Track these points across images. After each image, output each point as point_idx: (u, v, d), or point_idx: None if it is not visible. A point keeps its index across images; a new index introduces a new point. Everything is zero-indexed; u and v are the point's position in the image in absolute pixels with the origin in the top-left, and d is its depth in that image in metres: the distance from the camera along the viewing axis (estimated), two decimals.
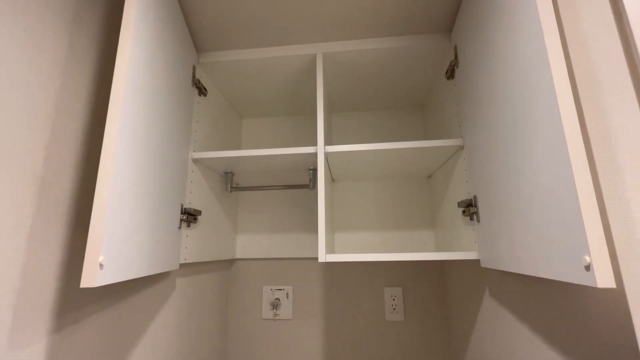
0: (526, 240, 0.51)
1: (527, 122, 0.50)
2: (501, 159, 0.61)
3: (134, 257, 0.56)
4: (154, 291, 0.77)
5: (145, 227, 0.62)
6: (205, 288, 1.03)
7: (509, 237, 0.58)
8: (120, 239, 0.51)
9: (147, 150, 0.64)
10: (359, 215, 1.22)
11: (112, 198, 0.49)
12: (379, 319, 1.14)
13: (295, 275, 1.21)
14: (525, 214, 0.52)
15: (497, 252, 0.63)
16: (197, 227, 0.93)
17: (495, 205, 0.64)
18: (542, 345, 0.57)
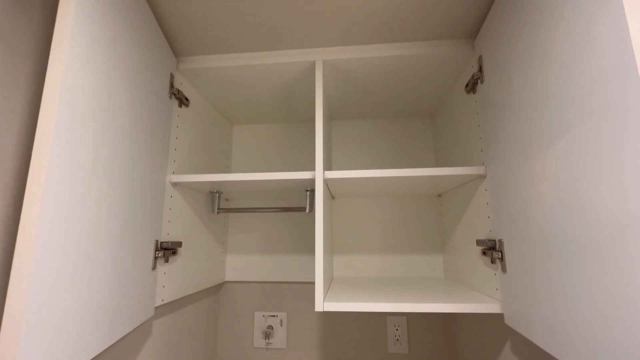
0: (585, 321, 0.40)
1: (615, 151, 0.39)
2: (535, 201, 0.49)
3: (85, 335, 0.44)
4: (123, 344, 0.67)
5: (103, 286, 0.51)
6: (189, 322, 0.93)
7: (552, 308, 0.47)
8: (58, 324, 0.40)
9: (100, 185, 0.52)
10: (360, 235, 1.11)
11: (41, 280, 0.37)
12: (381, 351, 1.04)
13: (290, 300, 1.11)
14: (590, 282, 0.40)
15: (530, 318, 0.52)
16: (178, 260, 0.81)
17: (530, 260, 0.53)
18: None
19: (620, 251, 0.35)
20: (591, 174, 0.39)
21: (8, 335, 0.33)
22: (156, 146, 0.71)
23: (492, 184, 0.68)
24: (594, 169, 0.38)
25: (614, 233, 0.35)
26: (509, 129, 0.59)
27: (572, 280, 0.42)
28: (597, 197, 0.38)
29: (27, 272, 0.36)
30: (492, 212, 0.68)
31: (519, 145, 0.56)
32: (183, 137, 0.86)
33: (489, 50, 0.67)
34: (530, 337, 0.52)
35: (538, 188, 0.50)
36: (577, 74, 0.41)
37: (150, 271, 0.69)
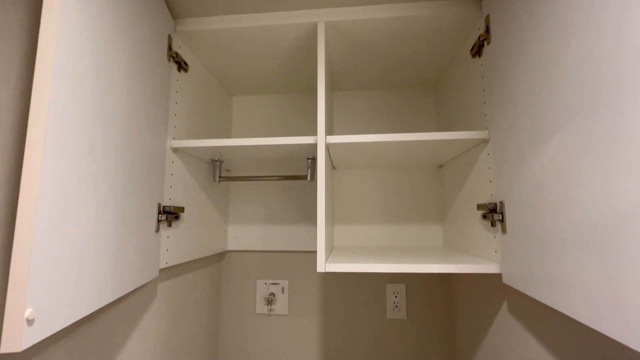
0: (581, 272, 0.41)
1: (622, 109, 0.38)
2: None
3: (91, 288, 0.45)
4: (129, 304, 0.68)
5: (108, 246, 0.51)
6: (193, 287, 0.95)
7: (549, 261, 0.48)
8: (64, 270, 0.40)
9: (100, 145, 0.51)
10: (361, 205, 1.12)
11: (46, 221, 0.37)
12: (380, 317, 1.07)
13: (292, 269, 1.13)
14: (582, 236, 0.41)
15: (529, 274, 0.54)
16: (180, 225, 0.82)
17: (530, 218, 0.53)
18: None
19: (614, 209, 0.35)
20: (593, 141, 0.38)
21: (17, 282, 0.34)
22: (155, 109, 0.70)
23: (495, 147, 0.67)
24: (596, 136, 0.38)
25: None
26: (515, 90, 0.58)
27: (575, 244, 0.43)
28: (595, 158, 0.37)
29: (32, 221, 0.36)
30: (494, 175, 0.68)
31: (524, 106, 0.55)
32: (183, 103, 0.84)
33: (497, 9, 0.65)
34: (528, 292, 0.54)
35: (541, 149, 0.50)
36: (592, 30, 0.40)
37: (154, 233, 0.69)
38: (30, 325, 0.33)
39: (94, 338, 0.59)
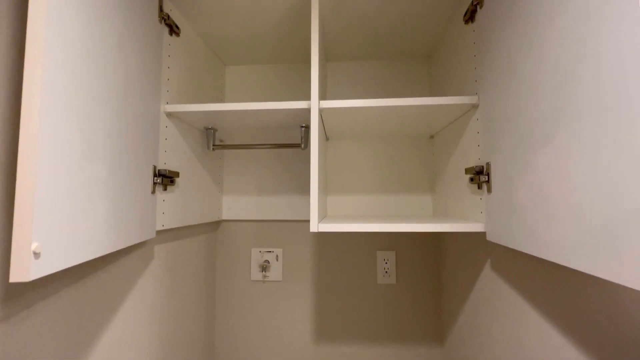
0: (562, 225, 0.44)
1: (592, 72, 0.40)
2: (525, 121, 0.51)
3: (90, 235, 0.47)
4: (128, 263, 0.70)
5: (106, 197, 0.53)
6: (189, 252, 0.97)
7: (530, 213, 0.51)
8: (66, 215, 0.42)
9: (92, 103, 0.52)
10: (353, 176, 1.14)
11: (47, 159, 0.38)
12: (371, 282, 1.12)
13: (285, 237, 1.16)
14: (560, 195, 0.44)
15: (511, 228, 0.57)
16: (175, 190, 0.83)
17: (514, 175, 0.56)
18: (551, 330, 0.53)
19: (583, 191, 0.37)
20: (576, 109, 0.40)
21: (23, 219, 0.35)
22: (147, 71, 0.69)
23: (483, 112, 0.69)
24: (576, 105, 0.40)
25: (586, 171, 0.38)
26: (505, 54, 0.59)
27: (553, 190, 0.45)
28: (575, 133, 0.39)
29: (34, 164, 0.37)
30: (482, 139, 0.70)
31: (513, 69, 0.57)
32: (175, 68, 0.84)
33: None
34: (511, 245, 0.57)
35: (526, 110, 0.52)
36: None
37: (150, 195, 0.71)
38: (37, 259, 0.34)
39: (95, 292, 0.61)
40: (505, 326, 0.67)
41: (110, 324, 0.65)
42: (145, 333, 0.76)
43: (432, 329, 1.09)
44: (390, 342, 1.10)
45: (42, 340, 0.49)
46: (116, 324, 0.66)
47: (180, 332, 0.91)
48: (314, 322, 1.13)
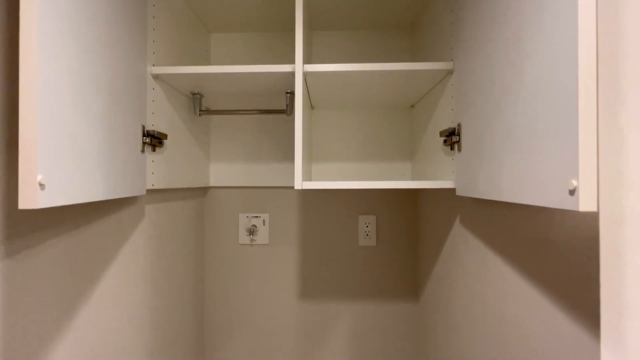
0: (511, 167, 0.50)
1: (530, 35, 0.45)
2: (494, 81, 0.56)
3: (87, 179, 0.50)
4: (120, 218, 0.74)
5: (98, 145, 0.55)
6: (178, 215, 1.01)
7: (491, 164, 0.57)
8: (64, 155, 0.44)
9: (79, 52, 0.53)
10: (338, 145, 1.19)
11: (45, 102, 0.41)
12: (353, 245, 1.19)
13: (272, 203, 1.21)
14: (514, 139, 0.49)
15: (476, 180, 0.63)
16: (164, 152, 0.86)
17: (480, 132, 0.61)
18: (504, 266, 0.61)
19: (525, 135, 0.42)
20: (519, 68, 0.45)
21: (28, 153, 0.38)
22: (133, 28, 0.70)
23: (457, 77, 0.74)
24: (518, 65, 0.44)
25: (525, 117, 0.43)
26: (476, 21, 0.63)
27: (509, 146, 0.51)
28: (518, 88, 0.44)
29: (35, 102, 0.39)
30: (455, 103, 0.75)
31: (480, 37, 0.61)
32: (160, 31, 0.84)
33: None
34: (476, 195, 0.63)
35: (492, 75, 0.56)
36: None
37: (140, 153, 0.73)
38: (42, 190, 0.38)
39: (89, 243, 0.64)
40: (468, 273, 0.75)
41: (105, 274, 0.69)
42: (139, 289, 0.80)
43: (409, 287, 1.18)
44: (370, 299, 1.19)
45: (42, 280, 0.53)
46: (110, 275, 0.70)
47: (171, 290, 0.96)
48: (299, 282, 1.20)
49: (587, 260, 0.41)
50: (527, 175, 0.45)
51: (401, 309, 1.18)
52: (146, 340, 0.83)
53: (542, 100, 0.42)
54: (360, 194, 1.19)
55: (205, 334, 1.21)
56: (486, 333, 0.67)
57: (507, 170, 0.51)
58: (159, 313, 0.89)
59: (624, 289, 0.39)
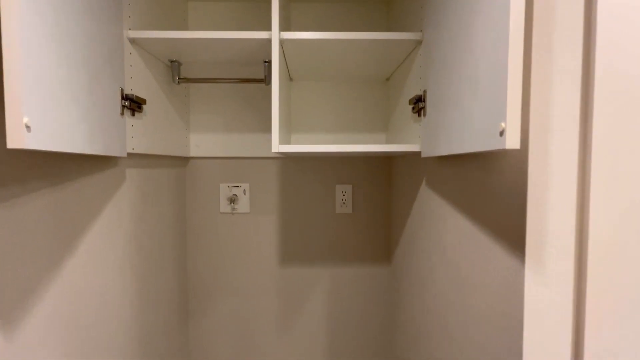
0: (459, 122, 0.56)
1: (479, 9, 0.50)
2: (450, 49, 0.61)
3: (69, 129, 0.52)
4: (103, 177, 0.76)
5: (79, 100, 0.57)
6: (159, 182, 1.03)
7: (445, 124, 0.63)
8: (48, 103, 0.47)
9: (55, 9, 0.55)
10: (316, 116, 1.23)
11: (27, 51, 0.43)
12: (330, 212, 1.25)
13: (252, 173, 1.25)
14: (462, 98, 0.55)
15: (436, 139, 0.69)
16: (144, 118, 0.88)
17: (440, 96, 0.67)
18: (459, 216, 0.68)
19: (468, 94, 0.48)
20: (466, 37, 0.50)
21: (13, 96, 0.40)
22: None
23: (425, 47, 0.79)
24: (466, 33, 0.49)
25: (471, 79, 0.48)
26: None
27: (459, 104, 0.57)
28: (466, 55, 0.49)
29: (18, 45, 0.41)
30: (422, 72, 0.80)
31: (444, 9, 0.65)
32: None
33: None
34: (436, 153, 0.69)
35: (446, 47, 0.61)
36: None
37: (119, 116, 0.75)
38: (28, 132, 0.40)
39: (74, 197, 0.67)
40: (431, 230, 0.83)
41: (89, 231, 0.72)
42: (123, 249, 0.83)
43: (382, 251, 1.27)
44: (346, 263, 1.27)
45: (30, 229, 0.56)
46: (95, 232, 0.73)
47: (155, 254, 1.00)
48: (280, 248, 1.26)
49: (519, 199, 0.48)
50: (471, 127, 0.51)
51: (375, 272, 1.27)
52: (131, 299, 0.87)
53: (484, 62, 0.47)
54: (337, 164, 1.25)
55: (190, 298, 1.26)
56: (446, 281, 0.75)
57: (457, 126, 0.57)
58: (143, 274, 0.93)
59: (546, 220, 0.46)
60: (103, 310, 0.76)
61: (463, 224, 0.67)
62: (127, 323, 0.85)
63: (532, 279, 0.47)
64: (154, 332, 0.99)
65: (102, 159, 0.76)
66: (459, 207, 0.69)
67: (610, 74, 0.43)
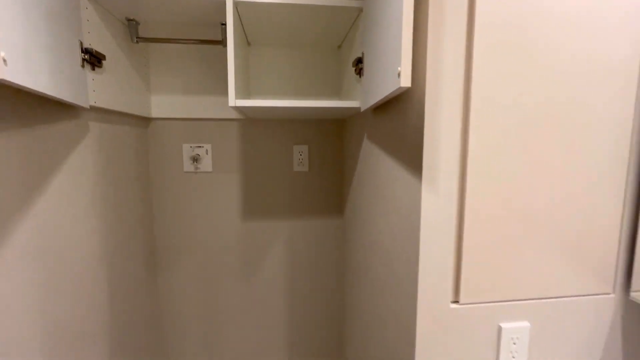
0: (379, 76, 0.69)
1: None
2: (378, 15, 0.73)
3: (40, 70, 0.58)
4: (68, 126, 0.81)
5: (46, 46, 0.63)
6: (122, 140, 1.08)
7: (372, 79, 0.75)
8: (21, 43, 0.53)
9: None
10: (273, 82, 1.31)
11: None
12: (288, 170, 1.37)
13: (214, 134, 1.32)
14: (381, 56, 0.67)
15: (368, 94, 0.82)
16: (104, 74, 0.92)
17: (371, 57, 0.79)
18: (387, 157, 0.82)
19: (380, 52, 0.60)
20: None
21: None
22: None
23: (365, 14, 0.89)
24: None
25: (383, 40, 0.60)
26: None
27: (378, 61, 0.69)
28: (382, 18, 0.61)
29: None
30: (362, 36, 0.91)
31: None
32: None
33: None
34: (370, 103, 0.82)
35: (381, 11, 0.72)
36: None
37: (80, 68, 0.80)
38: (5, 65, 0.47)
39: (42, 141, 0.72)
40: (371, 177, 0.97)
41: (56, 176, 0.78)
42: (88, 197, 0.90)
43: (336, 205, 1.41)
44: (303, 217, 1.40)
45: (3, 165, 0.62)
46: (62, 177, 0.79)
47: (120, 207, 1.06)
48: (242, 204, 1.36)
49: (420, 133, 0.62)
50: (385, 77, 0.64)
51: (329, 223, 1.42)
52: (100, 246, 0.95)
53: (394, 25, 0.59)
54: (294, 126, 1.35)
55: (157, 252, 1.34)
56: (378, 215, 0.90)
57: (378, 79, 0.69)
58: (110, 222, 1.00)
59: (438, 149, 0.61)
60: (74, 250, 0.83)
61: (389, 163, 0.81)
62: (96, 265, 0.93)
63: (427, 194, 0.62)
64: (122, 277, 1.08)
65: (66, 108, 0.81)
66: (387, 151, 0.83)
67: (487, 25, 0.57)
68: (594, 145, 0.63)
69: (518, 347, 0.67)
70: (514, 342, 0.66)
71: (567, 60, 0.60)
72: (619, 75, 0.62)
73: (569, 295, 0.68)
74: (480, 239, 0.63)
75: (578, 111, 0.62)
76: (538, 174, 0.63)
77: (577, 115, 0.62)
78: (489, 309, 0.66)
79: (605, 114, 0.63)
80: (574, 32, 0.60)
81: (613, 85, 0.62)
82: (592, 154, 0.64)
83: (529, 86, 0.60)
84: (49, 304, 0.74)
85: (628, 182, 0.66)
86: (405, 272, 0.70)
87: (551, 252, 0.66)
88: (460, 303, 0.65)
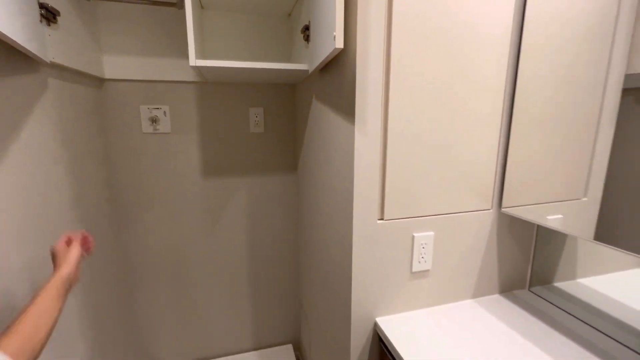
0: (320, 40, 0.84)
1: None
2: None
3: (10, 20, 0.64)
4: (29, 80, 0.85)
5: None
6: (80, 98, 1.11)
7: (316, 43, 0.90)
8: None
9: None
10: (227, 45, 1.38)
11: None
12: (245, 132, 1.48)
13: (172, 96, 1.37)
14: (322, 23, 0.82)
15: (313, 57, 0.96)
16: (59, 30, 0.94)
17: (315, 24, 0.93)
18: (331, 113, 0.99)
19: (323, 20, 0.74)
20: None
21: None
22: None
23: None
24: None
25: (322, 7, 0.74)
26: None
27: (320, 27, 0.83)
28: None
29: None
30: (309, 5, 1.04)
31: None
32: None
33: None
34: (315, 64, 0.97)
35: None
36: None
37: (38, 22, 0.83)
38: None
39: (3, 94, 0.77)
40: (319, 133, 1.13)
41: (20, 134, 0.83)
42: (49, 149, 0.95)
43: (290, 162, 1.57)
44: (260, 173, 1.54)
45: None
46: (27, 127, 0.84)
47: (80, 163, 1.11)
48: (201, 163, 1.46)
49: (353, 87, 0.79)
50: (324, 41, 0.79)
51: (284, 179, 1.58)
52: (67, 203, 1.01)
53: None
54: (249, 89, 1.45)
55: (121, 209, 1.40)
56: (324, 163, 1.08)
57: (319, 43, 0.84)
58: (76, 175, 1.05)
59: (365, 98, 0.78)
60: (46, 203, 0.90)
61: (332, 115, 0.98)
62: (67, 215, 1.00)
63: (359, 135, 0.80)
64: (90, 229, 1.15)
65: (29, 63, 0.84)
66: (331, 105, 0.99)
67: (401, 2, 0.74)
68: (479, 99, 0.86)
69: (426, 250, 0.91)
70: (422, 246, 0.90)
71: (460, 29, 0.80)
72: (497, 46, 0.84)
73: (461, 212, 0.93)
74: (398, 169, 0.84)
75: (470, 71, 0.83)
76: (440, 118, 0.84)
77: (469, 74, 0.84)
78: (405, 223, 0.88)
79: (487, 72, 0.85)
80: (465, 14, 0.80)
81: (493, 52, 0.84)
82: (478, 105, 0.86)
83: (431, 52, 0.79)
84: (26, 254, 0.82)
85: (502, 126, 0.91)
86: (345, 199, 0.89)
87: (449, 179, 0.89)
88: (384, 219, 0.86)
